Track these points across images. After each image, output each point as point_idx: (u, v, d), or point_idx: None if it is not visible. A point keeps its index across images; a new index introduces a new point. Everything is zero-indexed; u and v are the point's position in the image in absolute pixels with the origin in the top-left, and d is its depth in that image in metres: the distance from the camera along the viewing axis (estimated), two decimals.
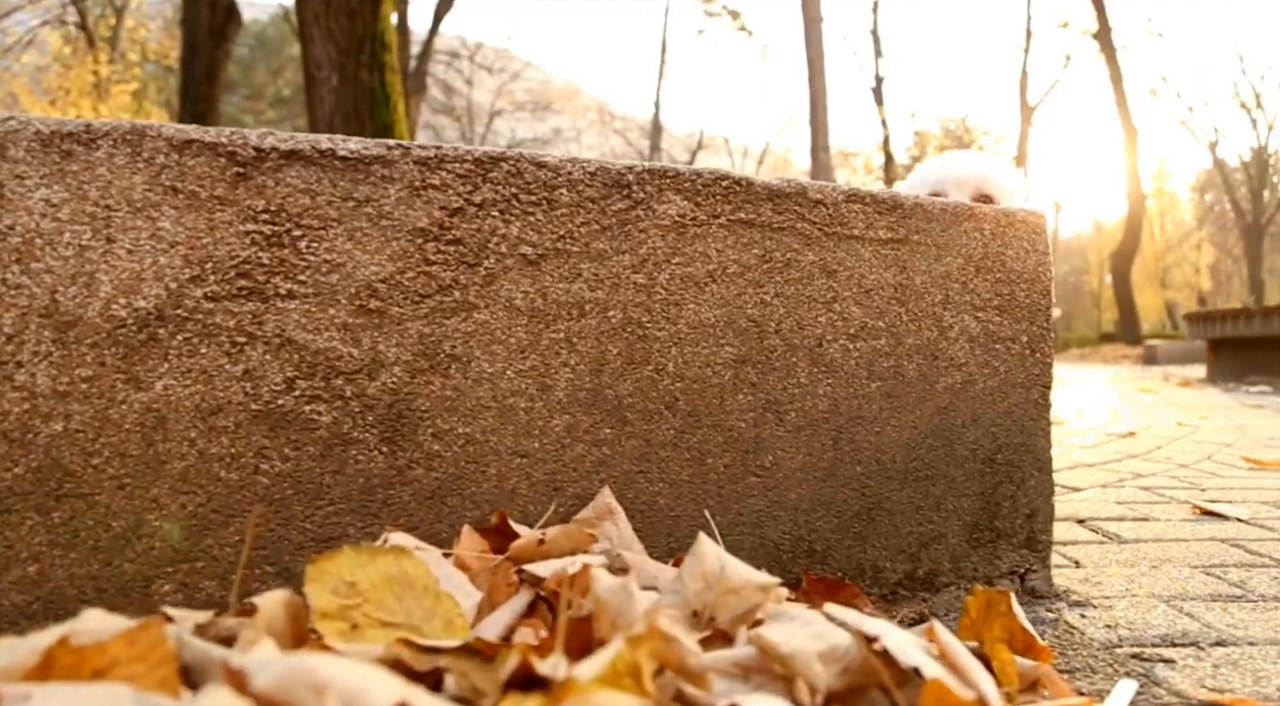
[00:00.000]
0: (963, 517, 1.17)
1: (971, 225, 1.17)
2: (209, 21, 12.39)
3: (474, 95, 50.18)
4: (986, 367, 1.18)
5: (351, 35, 7.11)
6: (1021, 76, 34.14)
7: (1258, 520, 1.79)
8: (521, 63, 54.05)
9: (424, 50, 31.83)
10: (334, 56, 7.06)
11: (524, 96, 53.42)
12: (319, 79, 7.14)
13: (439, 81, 45.37)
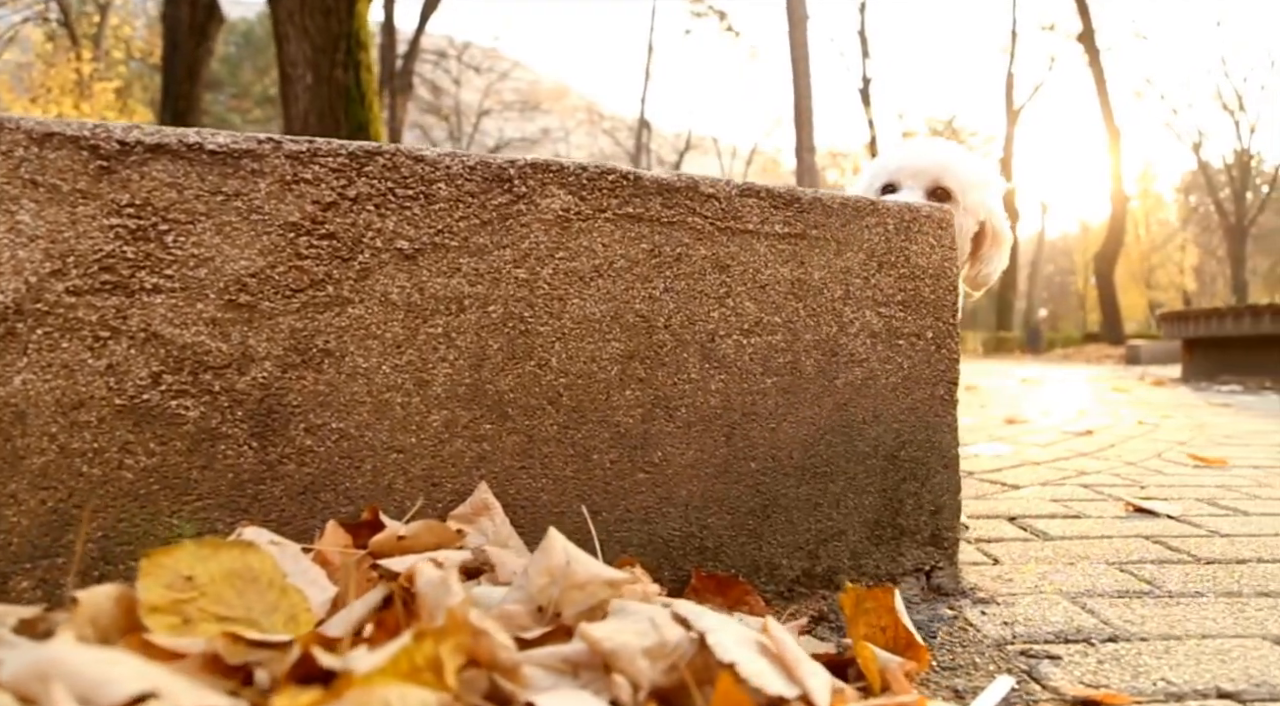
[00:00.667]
0: (864, 514, 1.16)
1: (874, 220, 1.17)
2: (190, 19, 12.33)
3: (462, 95, 50.12)
4: (889, 363, 1.17)
5: (327, 33, 7.08)
6: (1007, 78, 34.29)
7: (1187, 517, 1.80)
8: (510, 62, 53.99)
9: (410, 49, 31.75)
10: (309, 54, 7.02)
11: (512, 96, 53.38)
12: (294, 77, 7.11)
13: (426, 81, 45.30)
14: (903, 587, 1.20)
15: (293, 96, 7.10)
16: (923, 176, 1.55)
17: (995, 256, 1.64)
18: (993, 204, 1.61)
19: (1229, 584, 1.31)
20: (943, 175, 1.55)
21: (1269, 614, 1.17)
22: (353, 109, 7.23)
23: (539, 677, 0.65)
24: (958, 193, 1.55)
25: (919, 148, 1.62)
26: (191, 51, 12.30)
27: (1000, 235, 1.64)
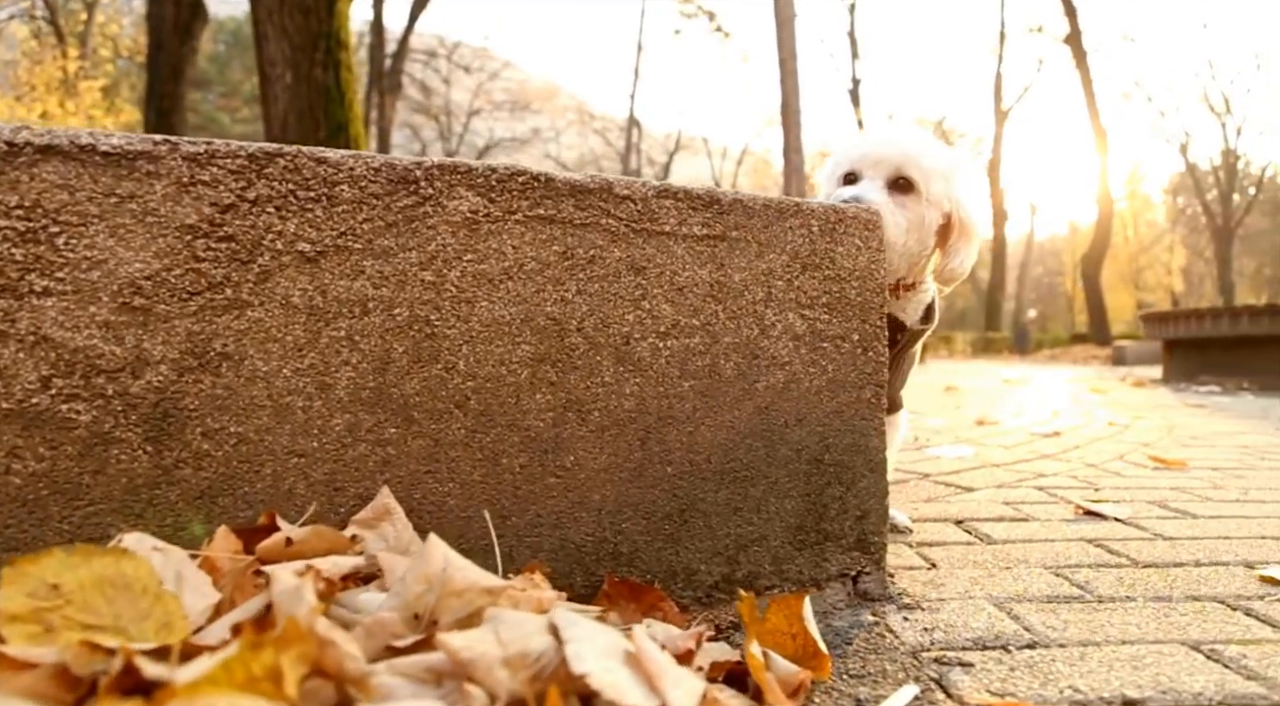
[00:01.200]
0: (786, 519, 1.15)
1: (798, 222, 1.16)
2: (174, 18, 12.27)
3: (452, 95, 50.03)
4: (813, 366, 1.16)
5: (306, 33, 7.05)
6: (995, 80, 34.38)
7: (1134, 519, 1.79)
8: (500, 62, 53.93)
9: (399, 49, 31.71)
10: (288, 54, 6.99)
11: (502, 96, 53.30)
12: (273, 77, 7.09)
13: (416, 81, 45.22)
14: (828, 593, 1.19)
15: (272, 96, 7.07)
16: (884, 166, 1.48)
17: (965, 249, 1.55)
18: (959, 193, 1.54)
19: (1161, 588, 1.31)
20: (904, 164, 1.47)
21: (1193, 619, 1.16)
22: (333, 109, 7.20)
23: (399, 687, 0.63)
24: (920, 182, 1.48)
25: (880, 136, 1.53)
26: (176, 50, 12.24)
27: (968, 225, 1.55)
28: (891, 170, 1.47)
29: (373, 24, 30.66)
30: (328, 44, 7.13)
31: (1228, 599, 1.26)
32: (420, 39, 45.33)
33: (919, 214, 1.48)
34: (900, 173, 1.47)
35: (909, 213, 1.47)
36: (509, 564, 1.02)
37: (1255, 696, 0.92)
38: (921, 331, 1.60)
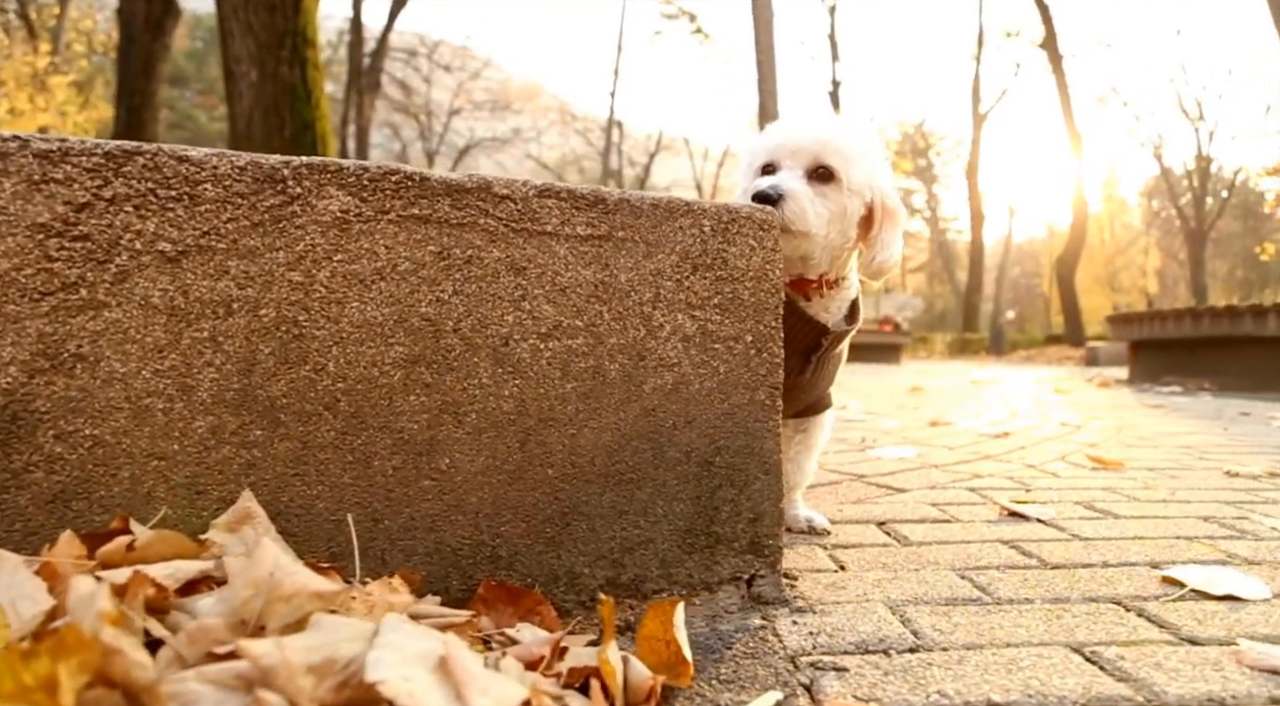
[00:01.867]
0: (675, 522, 1.14)
1: (689, 221, 1.15)
2: (146, 14, 12.16)
3: (432, 94, 49.85)
4: (703, 368, 1.16)
5: (272, 30, 7.00)
6: (973, 83, 34.59)
7: (1056, 520, 1.79)
8: (481, 61, 53.78)
9: (378, 47, 31.57)
10: (253, 51, 6.94)
11: (483, 95, 53.14)
12: (238, 74, 7.03)
13: (396, 80, 45.03)
14: (720, 596, 1.18)
15: (237, 94, 7.02)
16: (802, 155, 1.41)
17: (892, 238, 1.49)
18: (880, 179, 1.48)
19: (1061, 590, 1.31)
20: (823, 152, 1.40)
21: (1083, 621, 1.16)
22: (298, 107, 7.15)
23: (205, 695, 0.62)
24: (841, 171, 1.41)
25: (797, 124, 1.46)
26: (148, 46, 12.13)
27: (894, 212, 1.49)
28: (810, 159, 1.41)
29: (351, 22, 30.55)
30: (294, 42, 7.08)
31: (1124, 600, 1.26)
32: (400, 37, 45.15)
33: (841, 204, 1.42)
34: (819, 161, 1.41)
35: (830, 203, 1.41)
36: (382, 567, 1.00)
37: (1119, 698, 0.91)
38: (845, 332, 1.56)
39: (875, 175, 1.47)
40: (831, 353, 1.55)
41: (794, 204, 1.34)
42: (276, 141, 7.00)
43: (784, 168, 1.43)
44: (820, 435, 1.67)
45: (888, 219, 1.48)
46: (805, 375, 1.52)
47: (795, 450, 1.65)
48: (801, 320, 1.48)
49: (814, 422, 1.65)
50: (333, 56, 45.52)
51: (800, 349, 1.50)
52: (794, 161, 1.42)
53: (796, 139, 1.42)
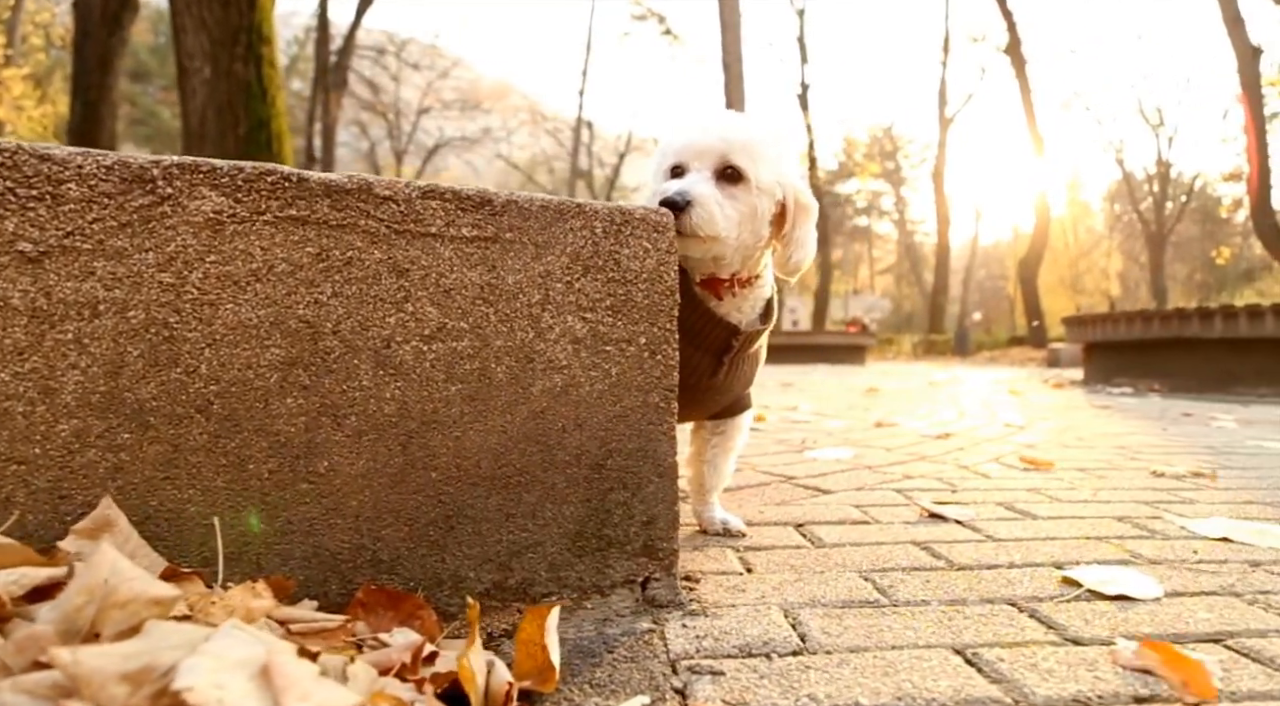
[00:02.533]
0: (565, 525, 1.14)
1: (580, 223, 1.15)
2: (103, 7, 11.97)
3: (401, 92, 49.57)
4: (595, 370, 1.15)
5: (226, 26, 6.92)
6: (940, 87, 34.92)
7: (974, 521, 1.81)
8: (450, 60, 53.54)
9: (345, 45, 31.31)
10: (207, 47, 6.85)
11: (452, 95, 52.91)
12: (191, 70, 6.95)
13: (364, 78, 44.71)
14: (613, 599, 1.18)
15: (190, 90, 6.94)
16: (709, 156, 1.39)
17: (806, 235, 1.48)
18: (791, 176, 1.47)
19: (961, 591, 1.32)
20: (731, 152, 1.39)
21: (974, 623, 1.17)
22: (253, 104, 7.07)
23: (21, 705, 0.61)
24: (749, 170, 1.39)
25: (704, 124, 1.43)
26: (104, 40, 11.94)
27: (806, 208, 1.48)
28: (718, 159, 1.40)
29: (318, 18, 30.29)
30: (249, 38, 7.00)
31: (1020, 601, 1.28)
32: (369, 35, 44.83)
33: (751, 204, 1.41)
34: (727, 161, 1.39)
35: (740, 204, 1.40)
36: (257, 572, 0.99)
37: (989, 699, 0.92)
38: (758, 333, 1.55)
39: (785, 173, 1.46)
40: (745, 353, 1.55)
41: (702, 210, 1.32)
42: (231, 139, 6.92)
43: (692, 169, 1.41)
44: (738, 437, 1.67)
45: (801, 215, 1.47)
46: (718, 377, 1.52)
47: (712, 452, 1.65)
48: (711, 321, 1.48)
49: (731, 425, 1.65)
50: (299, 53, 45.13)
51: (712, 350, 1.50)
52: (701, 163, 1.40)
53: (703, 140, 1.40)
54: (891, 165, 55.69)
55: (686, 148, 1.42)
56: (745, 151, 1.40)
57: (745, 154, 1.40)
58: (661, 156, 1.47)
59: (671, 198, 1.32)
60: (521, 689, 0.90)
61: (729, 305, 1.50)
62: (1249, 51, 14.71)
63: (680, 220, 1.30)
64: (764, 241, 1.48)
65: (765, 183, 1.42)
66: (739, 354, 1.53)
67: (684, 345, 1.47)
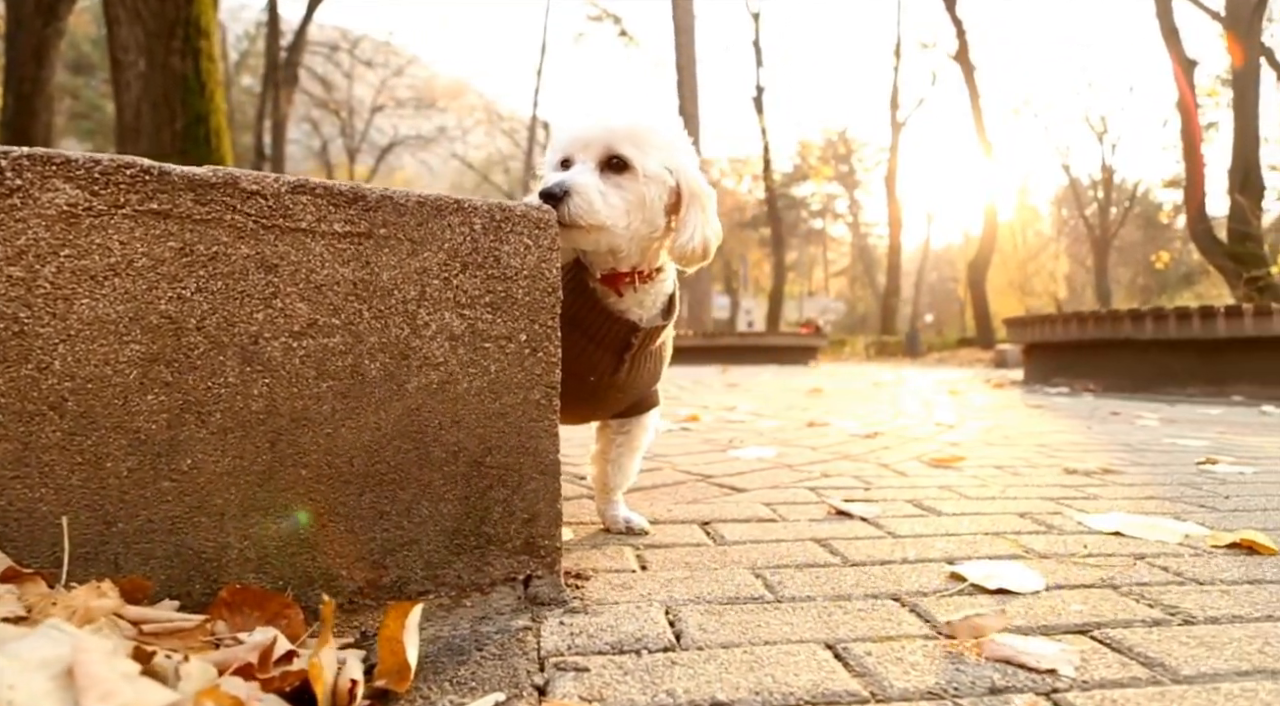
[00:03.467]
0: (442, 523, 1.13)
1: (458, 219, 1.14)
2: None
3: (354, 90, 49.04)
4: (473, 367, 1.15)
5: (162, 18, 6.79)
6: (892, 93, 35.34)
7: (880, 518, 1.83)
8: (405, 58, 53.10)
9: (295, 41, 30.88)
10: (141, 39, 6.72)
11: (407, 93, 52.48)
12: (125, 63, 6.80)
13: (316, 75, 44.16)
14: (493, 597, 1.18)
15: (124, 84, 6.79)
16: (594, 147, 1.38)
17: (696, 220, 1.46)
18: (682, 162, 1.46)
19: (849, 587, 1.33)
20: (614, 142, 1.38)
21: (853, 617, 1.19)
22: (191, 99, 6.95)
23: None
24: (634, 159, 1.38)
25: (589, 116, 1.42)
26: (38, 31, 11.64)
27: (699, 195, 1.46)
28: (602, 150, 1.39)
29: (268, 13, 29.86)
30: (186, 31, 6.88)
31: (904, 596, 1.30)
32: (321, 31, 44.28)
33: (639, 192, 1.40)
34: (612, 151, 1.38)
35: (626, 193, 1.39)
36: (115, 572, 0.97)
37: (845, 693, 0.94)
38: (660, 328, 1.55)
39: (676, 161, 1.45)
40: (646, 350, 1.55)
41: (579, 198, 1.32)
42: (167, 134, 6.79)
43: (578, 161, 1.40)
44: (643, 436, 1.67)
45: (693, 201, 1.46)
46: (620, 374, 1.52)
47: (617, 451, 1.65)
48: (609, 318, 1.48)
49: (636, 423, 1.65)
50: (250, 49, 44.45)
51: (611, 348, 1.50)
52: (586, 154, 1.39)
53: (588, 131, 1.40)
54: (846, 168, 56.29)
55: (573, 140, 1.41)
56: (630, 140, 1.39)
57: (630, 142, 1.39)
58: (552, 151, 1.47)
59: (550, 189, 1.31)
60: (378, 687, 0.89)
61: (630, 301, 1.50)
62: (1185, 63, 15.10)
63: (559, 210, 1.29)
64: (660, 231, 1.47)
65: (653, 171, 1.41)
66: (640, 351, 1.53)
67: (584, 343, 1.48)
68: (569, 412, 1.60)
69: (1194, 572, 1.43)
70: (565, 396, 1.52)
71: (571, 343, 1.47)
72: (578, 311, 1.47)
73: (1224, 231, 14.66)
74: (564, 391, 1.51)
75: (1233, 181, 14.40)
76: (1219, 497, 2.14)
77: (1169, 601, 1.27)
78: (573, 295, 1.45)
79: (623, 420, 1.66)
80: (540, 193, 1.31)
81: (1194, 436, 3.70)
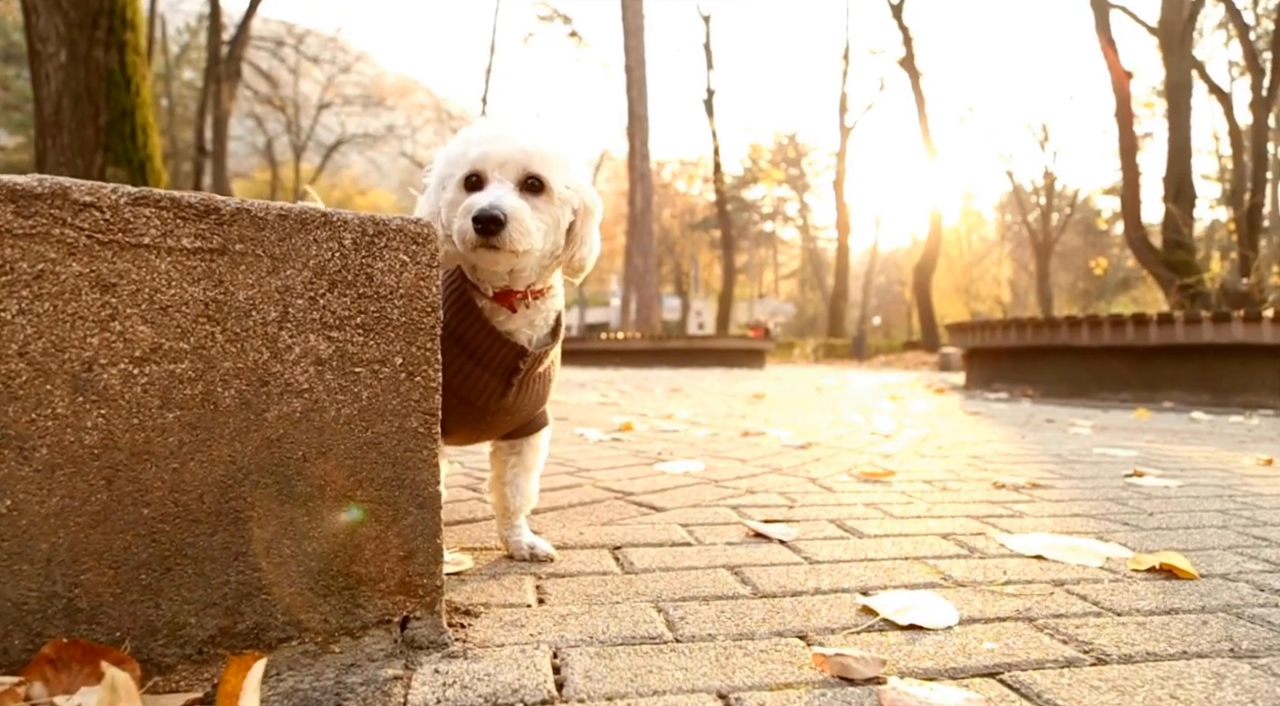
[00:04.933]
0: (306, 563, 1.04)
1: (326, 234, 1.05)
2: None
3: (301, 86, 48.28)
4: (342, 393, 1.06)
5: (84, 8, 6.55)
6: (841, 98, 35.70)
7: (798, 541, 1.77)
8: (353, 55, 52.42)
9: (238, 35, 30.29)
10: (62, 30, 6.48)
11: (355, 90, 51.82)
12: (44, 55, 6.56)
13: (261, 70, 43.37)
14: (365, 642, 1.09)
15: (44, 76, 6.54)
16: (511, 166, 1.32)
17: (590, 233, 1.45)
18: (579, 180, 1.42)
19: (754, 623, 1.27)
20: (531, 162, 1.33)
21: (752, 660, 1.12)
22: (115, 93, 6.72)
23: None
24: (550, 180, 1.35)
25: (500, 133, 1.35)
26: None
27: (592, 210, 1.45)
28: (520, 171, 1.33)
29: (209, 6, 29.21)
30: (110, 22, 6.65)
31: (810, 633, 1.23)
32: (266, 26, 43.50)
33: (554, 215, 1.37)
34: (529, 172, 1.33)
35: (544, 215, 1.35)
36: None
37: None
38: (547, 351, 1.48)
39: (575, 179, 1.42)
40: (534, 373, 1.48)
41: (518, 225, 1.27)
42: (90, 130, 6.55)
43: (493, 180, 1.33)
44: (536, 456, 1.60)
45: (588, 216, 1.45)
46: (508, 398, 1.45)
47: (512, 474, 1.58)
48: (497, 341, 1.41)
49: (527, 444, 1.58)
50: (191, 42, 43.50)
51: (499, 371, 1.42)
52: (503, 174, 1.33)
53: (505, 150, 1.33)
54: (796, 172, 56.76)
55: (486, 157, 1.34)
56: (544, 161, 1.35)
57: (544, 163, 1.35)
58: (448, 165, 1.38)
59: (491, 213, 1.25)
60: None
61: (521, 320, 1.44)
62: (1122, 73, 15.41)
63: (499, 236, 1.25)
64: (561, 250, 1.44)
65: (564, 193, 1.38)
66: (528, 375, 1.46)
67: (470, 366, 1.41)
68: (455, 435, 1.52)
69: (1112, 601, 1.39)
70: (450, 418, 1.45)
71: (458, 365, 1.40)
72: (464, 332, 1.40)
73: (1159, 239, 15.00)
74: (449, 414, 1.44)
75: (1167, 190, 14.74)
76: (1143, 514, 2.13)
77: (1085, 636, 1.22)
78: (458, 313, 1.39)
79: (513, 441, 1.59)
80: (478, 215, 1.25)
81: (1124, 445, 3.72)
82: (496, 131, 1.36)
